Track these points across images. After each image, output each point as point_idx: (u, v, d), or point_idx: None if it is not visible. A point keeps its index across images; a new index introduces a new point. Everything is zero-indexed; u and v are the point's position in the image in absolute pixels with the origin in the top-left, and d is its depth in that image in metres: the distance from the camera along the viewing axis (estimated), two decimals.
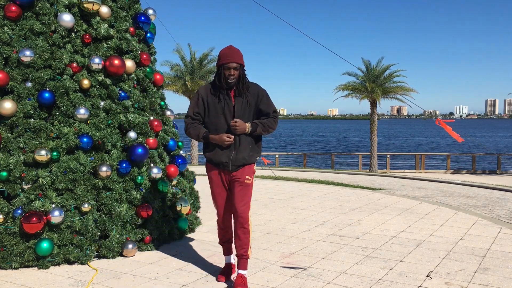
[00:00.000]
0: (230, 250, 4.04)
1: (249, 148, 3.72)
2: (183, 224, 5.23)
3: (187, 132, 3.78)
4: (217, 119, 3.69)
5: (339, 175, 12.56)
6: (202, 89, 3.80)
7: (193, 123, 3.76)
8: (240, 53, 3.69)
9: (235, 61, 3.62)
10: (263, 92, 3.78)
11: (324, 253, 4.69)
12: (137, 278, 3.96)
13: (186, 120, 3.79)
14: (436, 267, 4.23)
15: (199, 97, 3.76)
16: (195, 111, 3.76)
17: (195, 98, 3.80)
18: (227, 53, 3.65)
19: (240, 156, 3.68)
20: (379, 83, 22.67)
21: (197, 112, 3.76)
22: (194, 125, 3.75)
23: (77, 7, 4.73)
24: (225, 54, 3.65)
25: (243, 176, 3.71)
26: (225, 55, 3.65)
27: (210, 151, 3.75)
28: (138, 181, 4.76)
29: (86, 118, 4.58)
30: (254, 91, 3.75)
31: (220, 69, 3.67)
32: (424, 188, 9.71)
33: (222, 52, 3.68)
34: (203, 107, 3.75)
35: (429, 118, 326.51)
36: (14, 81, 4.46)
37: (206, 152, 3.79)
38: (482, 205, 7.54)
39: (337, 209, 7.11)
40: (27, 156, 4.29)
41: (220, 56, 3.67)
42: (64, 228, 4.28)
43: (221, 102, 3.69)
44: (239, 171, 3.72)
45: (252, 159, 3.75)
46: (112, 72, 4.77)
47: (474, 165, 22.45)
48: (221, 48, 3.76)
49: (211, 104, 3.71)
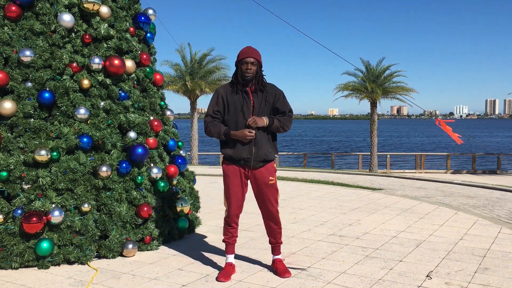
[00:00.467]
0: (233, 250, 4.05)
1: (269, 145, 3.88)
2: (183, 224, 5.23)
3: (207, 130, 3.87)
4: (237, 116, 3.80)
5: (339, 175, 12.56)
6: (221, 88, 3.92)
7: (213, 121, 3.86)
8: (258, 52, 3.89)
9: (252, 56, 3.80)
10: (280, 92, 3.97)
11: (324, 253, 4.69)
12: (137, 278, 3.96)
13: (206, 119, 3.88)
14: (436, 267, 4.23)
15: (218, 95, 3.87)
16: (215, 109, 3.86)
17: (214, 97, 3.90)
18: (245, 50, 3.85)
19: (261, 152, 3.81)
20: (379, 83, 22.67)
21: (217, 111, 3.86)
22: (214, 123, 3.85)
23: (77, 7, 4.73)
24: (243, 51, 3.85)
25: (266, 177, 3.87)
26: (242, 52, 3.85)
27: (231, 147, 3.83)
28: (138, 181, 4.77)
29: (86, 118, 4.58)
30: (272, 90, 3.92)
31: (238, 65, 3.84)
32: (424, 188, 9.71)
33: (240, 51, 3.87)
34: (222, 105, 3.85)
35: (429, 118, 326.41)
36: (14, 81, 4.46)
37: (226, 148, 3.86)
38: (482, 205, 7.54)
39: (337, 209, 7.11)
40: (27, 156, 4.29)
41: (239, 54, 3.87)
42: (64, 228, 4.28)
43: (240, 100, 3.81)
44: (260, 170, 3.86)
45: (271, 156, 3.91)
46: (112, 72, 4.77)
47: (474, 165, 22.44)
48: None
49: (231, 102, 3.82)
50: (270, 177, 3.89)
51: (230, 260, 4.03)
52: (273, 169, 3.95)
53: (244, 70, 3.79)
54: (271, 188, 3.91)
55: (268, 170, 3.89)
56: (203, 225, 5.93)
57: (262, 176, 3.87)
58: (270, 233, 4.09)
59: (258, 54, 3.87)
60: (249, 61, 3.78)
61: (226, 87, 3.91)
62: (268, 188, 3.90)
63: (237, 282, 3.84)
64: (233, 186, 3.88)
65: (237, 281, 3.86)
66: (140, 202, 4.73)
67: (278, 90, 3.96)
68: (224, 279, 3.85)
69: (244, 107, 3.80)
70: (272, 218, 4.00)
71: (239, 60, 3.83)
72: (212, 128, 3.83)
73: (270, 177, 3.89)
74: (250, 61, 3.78)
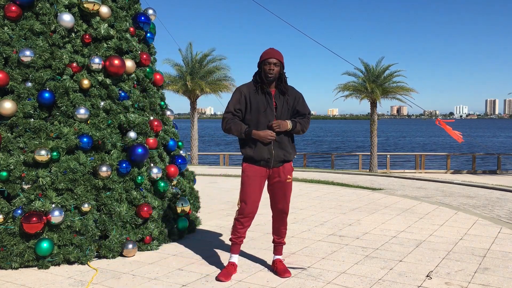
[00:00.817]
0: (238, 250, 4.04)
1: (289, 145, 3.93)
2: (183, 224, 5.23)
3: (227, 126, 3.87)
4: (259, 117, 3.83)
5: (339, 175, 12.56)
6: (244, 87, 3.93)
7: (233, 118, 3.87)
8: (281, 53, 3.90)
9: (275, 57, 3.83)
10: (299, 94, 4.03)
11: (324, 253, 4.69)
12: (137, 278, 3.96)
13: (227, 115, 3.88)
14: (436, 267, 4.23)
15: (241, 94, 3.89)
16: (237, 107, 3.87)
17: (236, 95, 3.90)
18: (268, 51, 3.88)
19: (281, 152, 3.87)
20: (379, 83, 22.68)
21: (238, 109, 3.87)
22: (234, 120, 3.86)
23: (77, 7, 4.73)
24: (266, 52, 3.88)
25: (284, 175, 3.92)
26: (265, 53, 3.87)
27: (251, 147, 3.85)
28: (138, 181, 4.77)
29: (86, 118, 4.58)
30: (292, 93, 3.98)
31: (261, 66, 3.87)
32: (424, 188, 9.71)
33: (263, 52, 3.90)
34: (244, 104, 3.87)
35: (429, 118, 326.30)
36: (14, 81, 4.46)
37: (247, 148, 3.88)
38: (482, 205, 7.54)
39: (337, 209, 7.11)
40: (27, 156, 4.29)
41: (262, 55, 3.90)
42: (64, 228, 4.28)
43: (263, 101, 3.84)
44: (279, 168, 3.90)
45: (291, 157, 3.96)
46: (112, 72, 4.77)
47: (474, 165, 22.45)
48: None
49: (253, 102, 3.85)
50: (288, 176, 3.95)
51: (233, 259, 4.02)
52: (291, 168, 4.00)
53: (267, 70, 3.82)
54: (288, 185, 3.97)
55: (286, 169, 3.95)
56: (203, 225, 5.93)
57: (280, 174, 3.92)
58: (276, 232, 4.11)
59: (281, 55, 3.89)
60: (272, 62, 3.81)
61: (250, 87, 3.92)
62: (284, 187, 3.95)
63: (237, 282, 3.84)
64: (252, 186, 3.88)
65: (237, 281, 3.86)
66: (140, 202, 4.73)
67: (298, 92, 4.02)
68: (224, 278, 3.85)
69: (268, 109, 3.83)
70: (283, 216, 4.04)
71: (262, 61, 3.86)
72: (232, 126, 3.84)
73: (288, 175, 3.95)
74: (273, 61, 3.81)
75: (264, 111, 3.82)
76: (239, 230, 3.96)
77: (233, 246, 4.02)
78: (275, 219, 4.10)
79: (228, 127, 3.86)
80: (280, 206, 4.01)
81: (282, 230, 4.11)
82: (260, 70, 3.88)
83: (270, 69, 3.81)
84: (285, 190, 3.97)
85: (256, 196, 3.91)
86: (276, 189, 3.97)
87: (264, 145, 3.82)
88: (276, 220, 4.09)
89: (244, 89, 3.91)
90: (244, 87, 3.93)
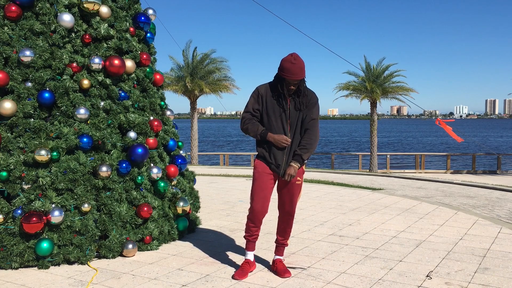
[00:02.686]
0: (253, 247, 4.05)
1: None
2: (183, 224, 5.23)
3: (244, 126, 3.87)
4: (273, 120, 3.80)
5: (339, 175, 12.57)
6: (262, 88, 3.89)
7: (252, 119, 3.87)
8: (303, 66, 3.71)
9: (298, 79, 3.70)
10: (315, 101, 3.89)
11: (324, 253, 4.69)
12: (137, 278, 3.97)
13: (245, 115, 3.88)
14: (436, 267, 4.23)
15: (259, 95, 3.86)
16: (255, 107, 3.86)
17: (254, 95, 3.88)
18: (292, 69, 3.67)
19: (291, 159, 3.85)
20: (379, 83, 22.68)
21: (257, 109, 3.86)
22: (252, 121, 3.86)
23: (77, 7, 4.73)
24: (289, 69, 3.67)
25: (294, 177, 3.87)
26: (289, 70, 3.67)
27: (265, 150, 3.84)
28: (138, 181, 4.77)
29: (86, 118, 4.58)
30: (307, 100, 3.85)
31: (281, 78, 3.76)
32: (424, 188, 9.71)
33: (286, 66, 3.68)
34: (261, 105, 3.86)
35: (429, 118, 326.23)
36: (14, 81, 4.46)
37: (261, 148, 3.87)
38: (482, 205, 7.54)
39: (337, 209, 7.11)
40: (27, 156, 4.29)
41: (284, 68, 3.69)
42: (64, 228, 4.28)
43: (278, 105, 3.80)
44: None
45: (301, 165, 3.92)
46: (112, 72, 4.77)
47: (474, 165, 22.44)
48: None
49: (269, 105, 3.82)
50: (298, 178, 3.92)
51: (249, 257, 4.03)
52: (302, 170, 3.95)
53: (289, 89, 3.75)
54: (297, 186, 3.94)
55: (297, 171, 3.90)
56: (203, 225, 5.93)
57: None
58: (281, 233, 4.10)
59: (303, 71, 3.71)
60: (294, 83, 3.72)
61: (267, 89, 3.86)
62: (293, 188, 3.92)
63: (237, 282, 3.84)
64: (260, 181, 3.86)
65: (237, 281, 3.86)
66: (140, 202, 4.73)
67: (313, 98, 3.89)
68: (238, 277, 3.85)
69: (282, 114, 3.80)
70: (289, 218, 4.02)
71: (284, 77, 3.69)
72: (250, 126, 3.83)
73: (298, 177, 3.91)
74: (295, 83, 3.72)
75: (280, 116, 3.79)
76: (251, 229, 3.95)
77: (247, 243, 4.04)
78: (281, 219, 4.08)
79: (246, 127, 3.86)
80: (287, 208, 3.98)
81: (288, 231, 4.09)
82: (282, 81, 3.76)
83: (290, 88, 3.74)
84: (293, 192, 3.92)
85: (264, 193, 3.86)
86: (284, 189, 3.94)
87: (278, 149, 3.80)
88: (282, 221, 4.08)
89: (262, 90, 3.87)
90: (262, 88, 3.88)
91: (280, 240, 4.12)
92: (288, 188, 3.92)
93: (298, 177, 3.91)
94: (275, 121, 3.80)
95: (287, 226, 4.07)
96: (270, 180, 3.89)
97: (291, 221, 4.06)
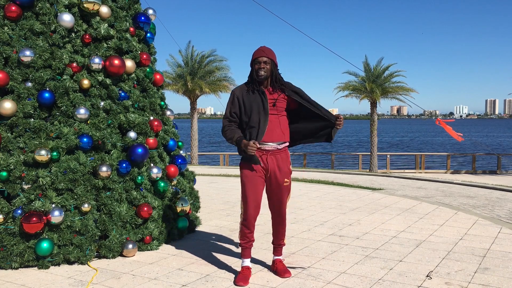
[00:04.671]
0: (249, 254, 3.98)
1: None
2: (183, 224, 5.23)
3: (223, 133, 3.90)
4: (254, 117, 3.80)
5: (339, 175, 12.57)
6: (237, 89, 3.93)
7: (230, 125, 3.87)
8: (272, 51, 3.88)
9: (264, 56, 3.81)
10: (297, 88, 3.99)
11: (324, 253, 4.69)
12: (137, 278, 3.96)
13: (224, 121, 3.91)
14: (436, 267, 4.23)
15: (234, 97, 3.89)
16: (232, 110, 3.88)
17: (230, 98, 3.92)
18: (258, 49, 3.88)
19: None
20: (379, 83, 22.67)
21: (234, 112, 3.87)
22: (231, 127, 3.86)
23: (77, 7, 4.73)
24: (256, 50, 3.88)
25: (281, 178, 3.87)
26: (256, 52, 3.88)
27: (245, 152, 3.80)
28: (138, 181, 4.77)
29: (86, 118, 4.58)
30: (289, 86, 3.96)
31: (252, 65, 3.86)
32: (424, 188, 9.71)
33: (254, 51, 3.90)
34: (238, 106, 3.86)
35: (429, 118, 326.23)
36: (14, 81, 4.46)
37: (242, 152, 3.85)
38: (482, 205, 7.54)
39: (337, 209, 7.11)
40: (27, 156, 4.29)
41: (253, 54, 3.89)
42: (64, 228, 4.28)
43: (257, 100, 3.82)
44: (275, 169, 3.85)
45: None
46: (112, 72, 4.77)
47: (474, 165, 22.44)
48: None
49: (247, 103, 3.83)
50: (285, 179, 3.89)
51: (246, 264, 3.95)
52: (289, 171, 3.93)
53: (257, 69, 3.81)
54: (285, 187, 3.91)
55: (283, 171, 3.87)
56: (203, 225, 5.93)
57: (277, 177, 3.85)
58: (275, 234, 4.10)
59: (272, 53, 3.86)
60: (262, 60, 3.79)
61: (242, 88, 3.91)
62: (282, 190, 3.89)
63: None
64: (252, 184, 3.82)
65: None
66: (140, 202, 4.73)
67: (294, 86, 4.00)
68: (243, 283, 3.77)
69: (260, 107, 3.79)
70: (280, 220, 4.01)
71: (253, 60, 3.85)
72: (228, 133, 3.84)
73: (285, 178, 3.89)
74: (263, 60, 3.79)
75: (259, 109, 3.78)
76: (247, 235, 3.90)
77: (244, 250, 3.95)
78: (274, 221, 4.07)
79: (224, 133, 3.87)
80: (277, 209, 3.98)
81: (281, 231, 4.08)
82: (252, 69, 3.87)
83: (260, 68, 3.79)
84: (282, 193, 3.90)
85: (256, 196, 3.83)
86: (273, 192, 3.91)
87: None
88: (275, 222, 4.07)
89: (237, 91, 3.90)
90: (237, 89, 3.92)
91: (276, 241, 4.11)
92: (276, 190, 3.88)
93: (286, 178, 3.89)
94: (256, 115, 3.78)
95: (280, 227, 4.05)
96: (260, 183, 3.85)
97: (283, 221, 4.03)
